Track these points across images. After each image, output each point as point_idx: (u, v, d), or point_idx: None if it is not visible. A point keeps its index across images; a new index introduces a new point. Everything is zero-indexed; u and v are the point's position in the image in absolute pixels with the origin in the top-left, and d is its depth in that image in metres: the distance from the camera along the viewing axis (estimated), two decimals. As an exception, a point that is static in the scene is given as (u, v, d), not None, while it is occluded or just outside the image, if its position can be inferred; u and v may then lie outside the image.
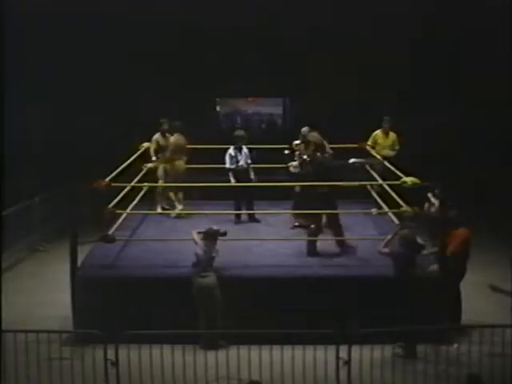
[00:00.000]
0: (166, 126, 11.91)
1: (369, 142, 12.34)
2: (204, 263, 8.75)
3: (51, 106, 15.84)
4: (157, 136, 11.95)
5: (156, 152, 11.90)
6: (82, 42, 15.73)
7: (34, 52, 15.55)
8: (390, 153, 12.19)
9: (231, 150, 11.38)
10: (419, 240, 8.70)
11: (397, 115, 12.60)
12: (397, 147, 12.35)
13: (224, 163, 11.36)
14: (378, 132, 12.41)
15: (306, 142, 10.56)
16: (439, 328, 8.52)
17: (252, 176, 11.45)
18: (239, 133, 11.60)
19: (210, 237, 8.88)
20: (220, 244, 8.94)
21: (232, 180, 11.24)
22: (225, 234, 9.07)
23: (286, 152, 11.08)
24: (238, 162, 11.34)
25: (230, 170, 11.30)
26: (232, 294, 8.63)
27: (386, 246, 8.75)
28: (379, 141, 12.35)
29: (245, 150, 11.46)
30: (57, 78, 15.74)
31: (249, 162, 11.49)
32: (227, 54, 16.26)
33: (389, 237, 8.81)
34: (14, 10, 13.26)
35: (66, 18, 15.55)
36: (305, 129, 11.03)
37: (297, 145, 11.02)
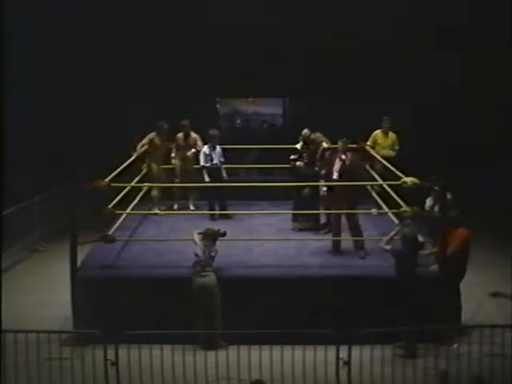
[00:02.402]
0: (165, 127, 11.85)
1: (369, 142, 12.35)
2: (203, 263, 8.75)
3: (51, 106, 15.81)
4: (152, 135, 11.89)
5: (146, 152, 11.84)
6: (84, 44, 15.72)
7: (33, 51, 15.51)
8: (390, 153, 12.19)
9: (205, 149, 11.55)
10: (420, 238, 8.72)
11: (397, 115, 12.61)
12: (397, 147, 12.35)
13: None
14: (378, 132, 12.41)
15: (312, 142, 10.70)
16: (439, 328, 8.52)
17: (224, 175, 11.62)
18: (213, 132, 11.71)
19: (210, 237, 8.92)
20: (220, 244, 8.95)
21: (206, 178, 11.43)
22: (224, 234, 9.11)
23: (293, 157, 10.99)
24: (212, 160, 11.51)
25: (203, 167, 11.45)
26: (232, 294, 8.64)
27: (387, 242, 8.81)
28: (379, 141, 12.35)
29: (218, 149, 11.61)
30: (57, 77, 15.71)
31: (222, 160, 11.65)
32: (228, 53, 16.25)
33: (392, 234, 8.85)
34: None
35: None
36: (305, 131, 11.02)
37: (302, 147, 10.96)
